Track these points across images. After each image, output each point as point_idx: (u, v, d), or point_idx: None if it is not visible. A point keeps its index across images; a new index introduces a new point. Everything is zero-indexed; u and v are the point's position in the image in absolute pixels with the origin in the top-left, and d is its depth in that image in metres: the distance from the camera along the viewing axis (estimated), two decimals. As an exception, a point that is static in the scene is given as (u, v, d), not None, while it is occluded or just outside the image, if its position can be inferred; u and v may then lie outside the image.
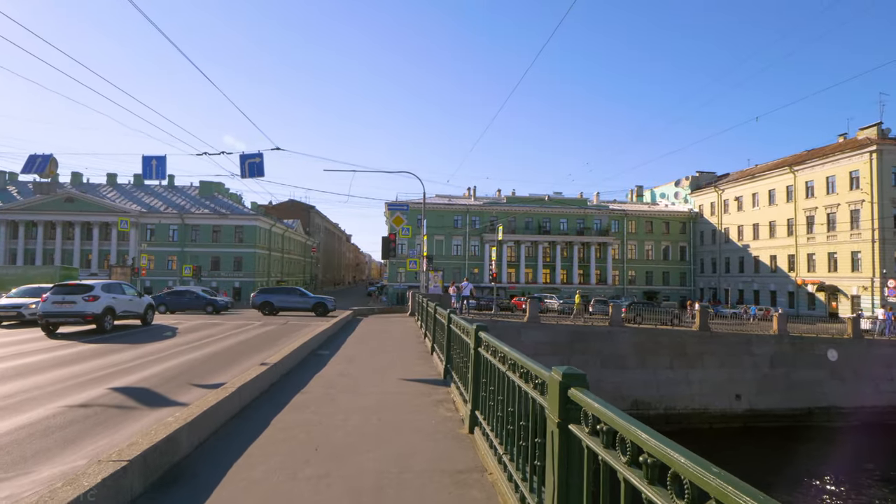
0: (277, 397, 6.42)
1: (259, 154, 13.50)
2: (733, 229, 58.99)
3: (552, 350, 21.99)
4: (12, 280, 30.30)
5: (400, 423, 5.41)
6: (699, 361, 23.15)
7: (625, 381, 22.08)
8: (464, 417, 5.46)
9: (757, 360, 23.46)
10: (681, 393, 22.70)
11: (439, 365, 8.70)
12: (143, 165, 13.68)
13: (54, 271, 33.54)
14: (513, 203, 63.93)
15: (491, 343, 4.23)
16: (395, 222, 22.50)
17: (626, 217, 65.38)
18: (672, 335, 23.58)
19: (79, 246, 57.50)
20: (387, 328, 16.72)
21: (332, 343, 12.49)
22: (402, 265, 56.64)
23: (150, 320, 17.38)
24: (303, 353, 9.79)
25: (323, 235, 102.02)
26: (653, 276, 65.80)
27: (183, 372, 8.89)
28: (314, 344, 11.42)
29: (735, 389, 23.05)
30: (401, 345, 12.51)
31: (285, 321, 19.90)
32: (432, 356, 10.35)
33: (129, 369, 9.04)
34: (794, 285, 50.22)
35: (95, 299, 14.52)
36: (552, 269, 63.33)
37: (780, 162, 54.98)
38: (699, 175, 67.98)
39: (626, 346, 22.85)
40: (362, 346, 12.08)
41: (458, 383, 6.40)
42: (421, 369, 8.88)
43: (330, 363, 9.30)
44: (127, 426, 5.49)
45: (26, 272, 32.53)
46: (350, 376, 8.09)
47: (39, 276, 30.75)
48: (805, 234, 49.30)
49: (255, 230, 60.59)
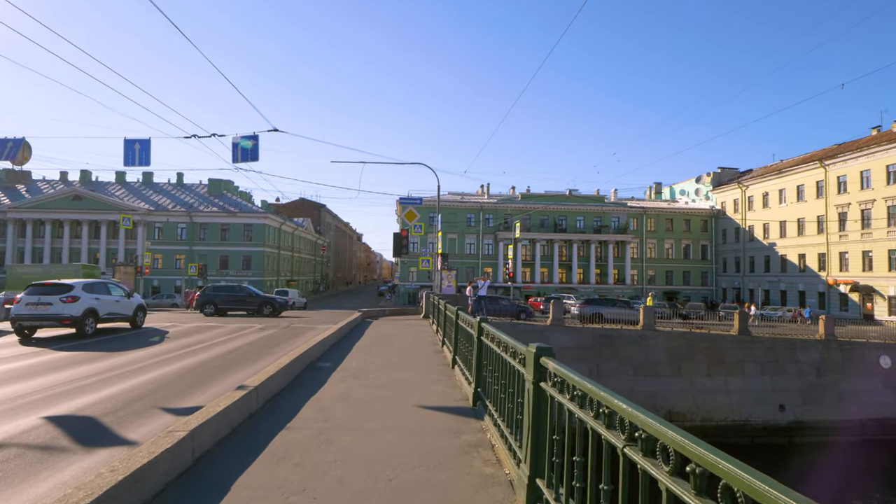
0: (253, 437, 4.76)
1: (254, 136, 11.88)
2: (758, 227, 56.55)
3: (578, 356, 20.17)
4: (35, 278, 29.13)
5: (419, 485, 3.72)
6: (739, 368, 21.21)
7: (659, 391, 20.22)
8: (514, 479, 3.75)
9: (802, 368, 21.47)
10: (719, 403, 20.77)
11: (465, 385, 7.01)
12: (125, 150, 12.14)
13: (75, 269, 32.20)
14: (528, 200, 61.95)
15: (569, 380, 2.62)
16: (408, 217, 20.81)
17: (644, 214, 63.14)
18: (709, 339, 21.65)
19: (86, 244, 56.67)
20: (398, 333, 15.04)
21: (335, 352, 10.84)
22: (413, 264, 55.09)
23: (140, 323, 15.86)
24: (298, 367, 8.14)
25: (334, 234, 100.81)
26: (673, 275, 63.49)
27: (151, 391, 7.28)
28: (315, 353, 9.78)
29: (778, 399, 21.08)
30: (415, 354, 10.83)
31: (288, 324, 18.32)
32: (454, 370, 8.66)
33: (87, 387, 7.45)
34: (825, 285, 47.76)
35: (74, 300, 13.02)
36: (568, 268, 61.33)
37: (809, 156, 52.47)
38: (721, 171, 65.46)
39: (660, 351, 20.98)
40: (370, 355, 10.41)
41: (494, 416, 4.71)
42: (442, 389, 7.19)
43: (330, 381, 7.63)
44: (28, 487, 3.85)
45: (48, 271, 31.30)
46: (353, 401, 6.41)
47: (62, 274, 29.50)
48: (837, 231, 46.82)
49: (264, 229, 59.36)
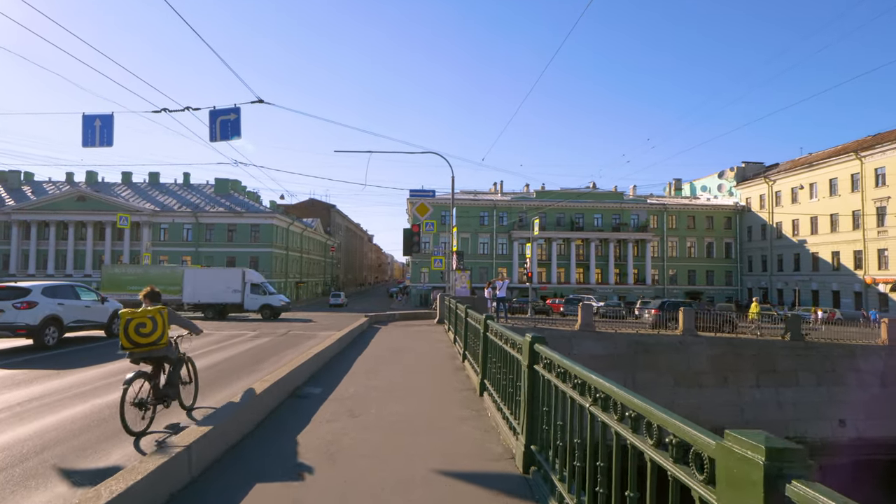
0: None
1: (235, 109, 9.89)
2: (787, 223, 53.72)
3: (611, 364, 17.97)
4: (132, 280, 27.64)
5: None
6: (792, 378, 18.87)
7: (703, 403, 17.93)
8: None
9: (863, 377, 19.04)
10: (770, 417, 18.42)
11: (503, 428, 4.92)
12: (84, 128, 10.20)
13: (172, 270, 30.22)
14: (543, 198, 59.48)
15: None
16: (420, 211, 18.73)
17: (665, 211, 60.50)
18: (758, 346, 19.32)
19: (91, 246, 55.39)
20: (410, 344, 12.93)
21: (332, 370, 8.79)
22: (425, 264, 53.02)
23: (116, 331, 13.93)
24: (275, 398, 6.09)
25: (344, 235, 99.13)
26: (695, 274, 60.78)
27: (68, 436, 5.27)
28: (304, 373, 7.73)
29: (838, 413, 18.71)
30: (431, 373, 8.75)
31: (286, 330, 16.34)
32: (482, 398, 6.57)
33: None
34: (862, 284, 44.92)
35: (31, 306, 11.13)
36: (586, 268, 58.90)
37: (842, 148, 49.53)
38: (745, 166, 62.56)
39: (702, 359, 18.71)
40: (375, 377, 8.33)
41: None
42: (471, 433, 5.10)
43: (316, 419, 5.57)
44: None
45: (147, 272, 29.63)
46: (343, 458, 4.34)
47: (160, 276, 27.88)
48: (875, 226, 43.98)
49: (271, 229, 57.66)
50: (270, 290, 26.74)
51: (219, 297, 25.87)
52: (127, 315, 5.28)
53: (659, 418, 1.85)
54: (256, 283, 26.46)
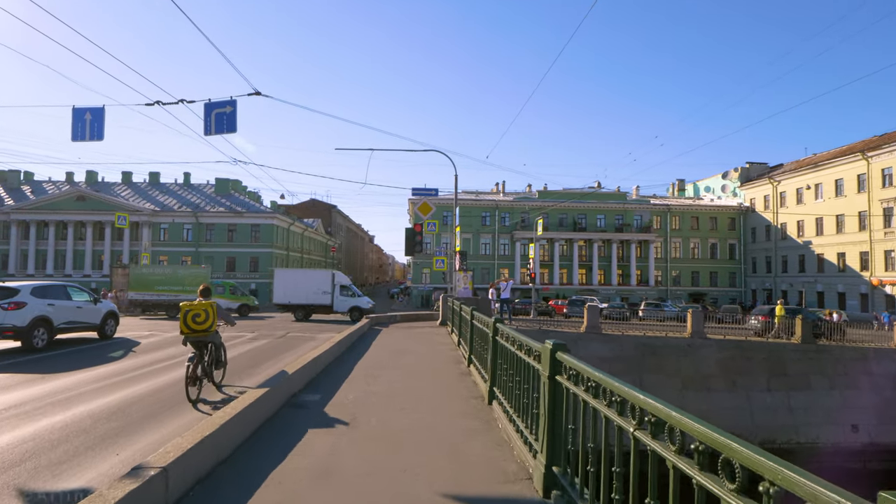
0: None
1: (230, 102, 9.47)
2: (792, 224, 53.22)
3: (618, 367, 17.53)
4: (160, 280, 27.28)
5: None
6: (803, 382, 18.43)
7: (712, 408, 17.47)
8: None
9: (877, 381, 18.61)
10: (781, 422, 18.00)
11: (515, 439, 4.50)
12: (74, 121, 9.80)
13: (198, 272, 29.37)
14: (546, 198, 59.06)
15: None
16: (422, 210, 18.31)
17: (669, 212, 60.00)
18: (768, 349, 18.88)
19: (90, 246, 55.03)
20: (412, 347, 12.50)
21: (330, 375, 8.36)
22: (427, 265, 52.65)
23: (110, 333, 13.56)
24: (268, 408, 5.66)
25: (345, 235, 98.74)
26: (699, 276, 60.26)
27: (44, 449, 4.86)
28: (300, 380, 7.31)
29: (850, 418, 18.26)
30: (434, 378, 8.33)
31: (285, 332, 15.91)
32: (491, 408, 6.14)
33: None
34: (868, 286, 44.41)
35: (19, 307, 10.71)
36: (588, 268, 58.46)
37: (848, 149, 49.04)
38: (749, 166, 62.04)
39: (711, 362, 18.27)
40: (375, 383, 7.90)
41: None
42: (482, 450, 4.67)
43: (309, 435, 5.14)
44: None
45: (175, 271, 29.12)
46: (338, 480, 3.92)
47: (190, 276, 27.44)
48: (882, 227, 43.46)
49: (272, 229, 57.28)
50: (358, 293, 26.76)
51: (309, 298, 25.71)
52: (186, 307, 6.80)
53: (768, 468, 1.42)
54: (345, 286, 26.44)
